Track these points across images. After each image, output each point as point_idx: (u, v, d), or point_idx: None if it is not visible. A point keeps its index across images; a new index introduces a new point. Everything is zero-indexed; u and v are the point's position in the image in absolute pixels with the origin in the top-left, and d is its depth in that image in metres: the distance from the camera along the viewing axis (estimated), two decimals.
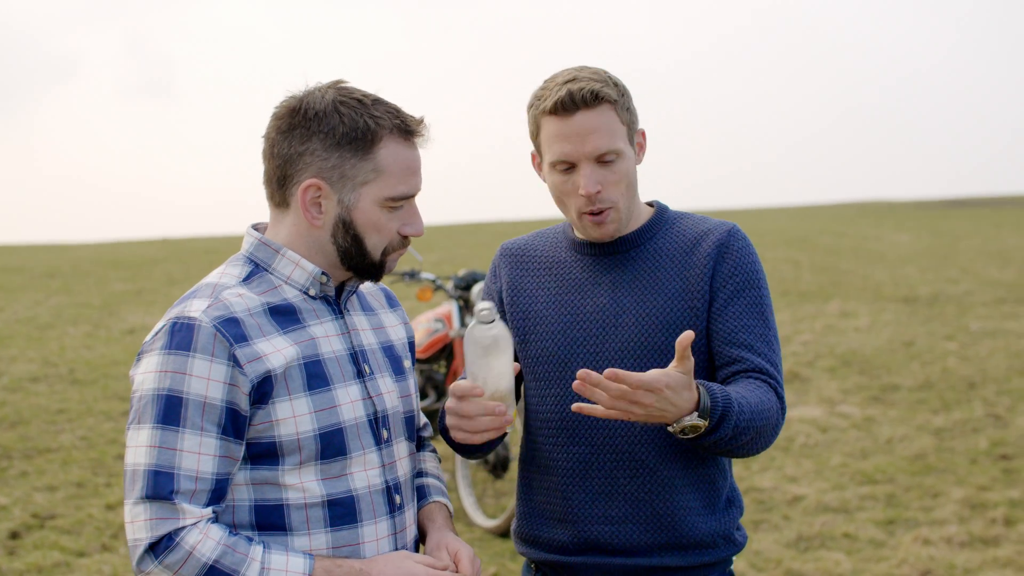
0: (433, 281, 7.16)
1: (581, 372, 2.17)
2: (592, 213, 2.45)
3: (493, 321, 2.24)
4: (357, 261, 2.23)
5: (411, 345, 2.47)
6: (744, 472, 7.23)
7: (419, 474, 2.48)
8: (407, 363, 2.40)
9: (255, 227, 2.30)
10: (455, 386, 2.27)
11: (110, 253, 28.06)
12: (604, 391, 2.17)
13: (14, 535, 6.13)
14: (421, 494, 2.44)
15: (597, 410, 2.21)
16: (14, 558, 5.79)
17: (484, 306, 2.23)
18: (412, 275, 7.24)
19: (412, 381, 2.41)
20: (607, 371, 2.16)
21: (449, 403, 2.29)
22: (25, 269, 23.50)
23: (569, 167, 2.44)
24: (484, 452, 2.48)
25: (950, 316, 14.10)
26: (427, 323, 7.03)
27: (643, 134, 2.53)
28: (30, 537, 6.11)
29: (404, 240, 2.25)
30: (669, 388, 2.17)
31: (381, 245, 2.22)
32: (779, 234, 31.46)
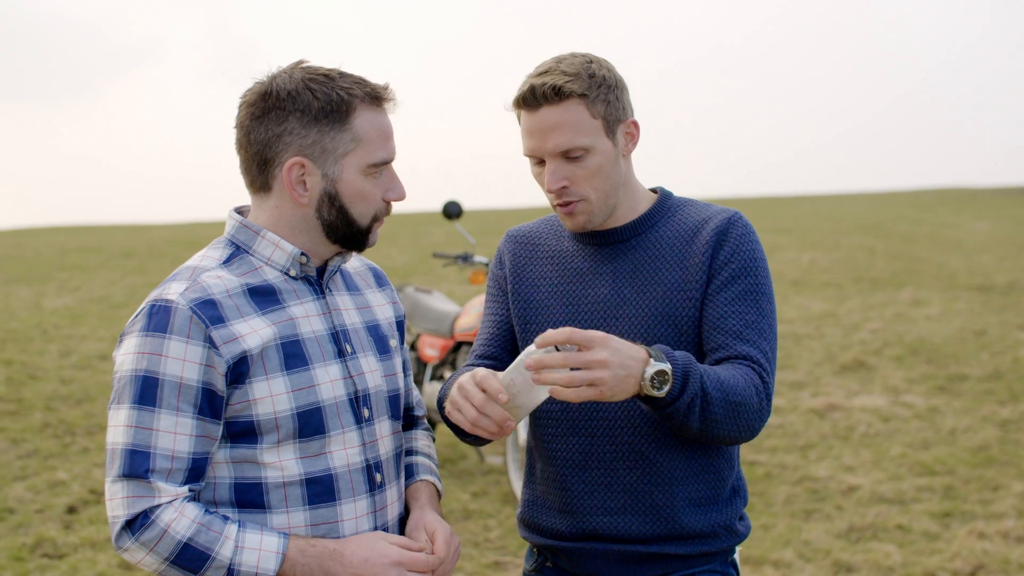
0: (486, 264, 7.15)
1: (530, 361, 2.12)
2: (562, 204, 2.43)
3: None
4: (344, 232, 2.25)
5: (400, 324, 2.48)
6: (800, 461, 7.14)
7: (409, 452, 2.49)
8: (393, 342, 2.41)
9: (238, 210, 2.32)
10: (485, 381, 2.20)
11: (187, 234, 28.44)
12: (553, 364, 2.12)
13: (71, 510, 6.24)
14: (409, 472, 2.45)
15: (567, 394, 2.13)
16: (70, 532, 5.90)
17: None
18: (465, 258, 7.24)
19: (399, 360, 2.42)
20: (543, 338, 2.13)
21: (466, 384, 2.22)
22: (103, 249, 23.93)
23: (540, 161, 2.42)
24: (477, 442, 2.47)
25: None
26: (480, 307, 7.02)
27: (634, 124, 2.45)
28: (86, 512, 6.22)
29: (388, 206, 2.28)
30: (612, 339, 2.14)
31: (368, 213, 2.25)
32: (855, 220, 31.03)
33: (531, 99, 2.36)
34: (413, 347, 7.53)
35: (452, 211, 7.27)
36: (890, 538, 5.76)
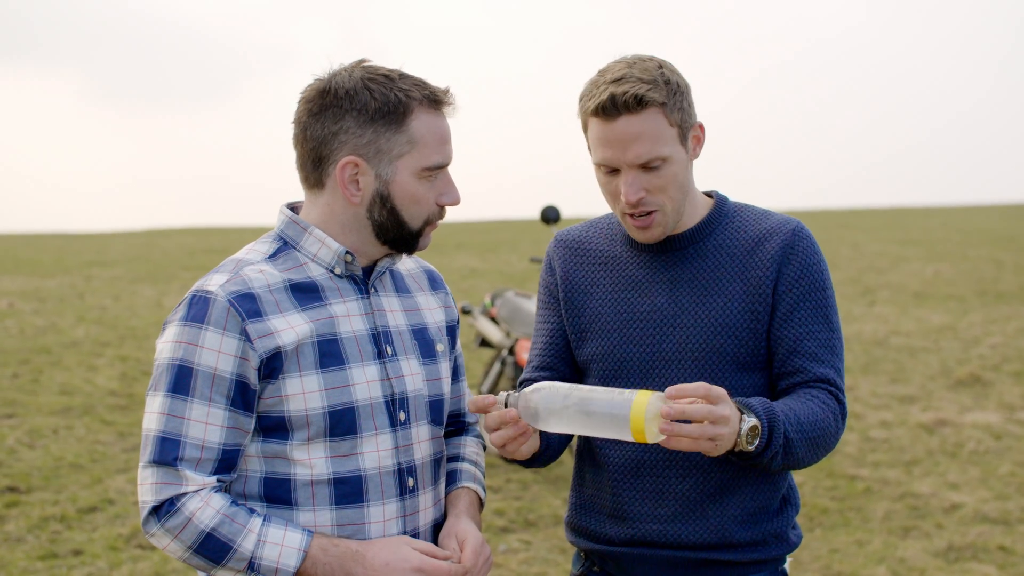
0: None
1: (670, 410, 2.08)
2: (635, 215, 2.37)
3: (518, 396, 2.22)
4: (394, 234, 2.23)
5: (451, 329, 2.45)
6: (904, 476, 6.94)
7: (455, 459, 2.46)
8: (440, 347, 2.37)
9: (291, 206, 2.32)
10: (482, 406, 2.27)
11: None
12: (695, 416, 2.09)
13: None
14: (452, 479, 2.42)
15: (683, 444, 2.11)
16: None
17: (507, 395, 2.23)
18: None
19: (446, 365, 2.39)
20: (678, 390, 2.10)
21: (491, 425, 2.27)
22: (228, 251, 24.45)
23: (613, 170, 2.36)
24: (534, 463, 2.44)
25: None
26: None
27: (701, 127, 2.40)
28: None
29: (441, 211, 2.26)
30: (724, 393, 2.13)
31: (421, 216, 2.23)
32: (986, 233, 30.18)
33: (611, 108, 2.29)
34: (512, 351, 7.52)
35: (550, 216, 7.25)
36: (991, 559, 5.57)
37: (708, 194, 2.51)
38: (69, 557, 5.53)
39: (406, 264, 2.42)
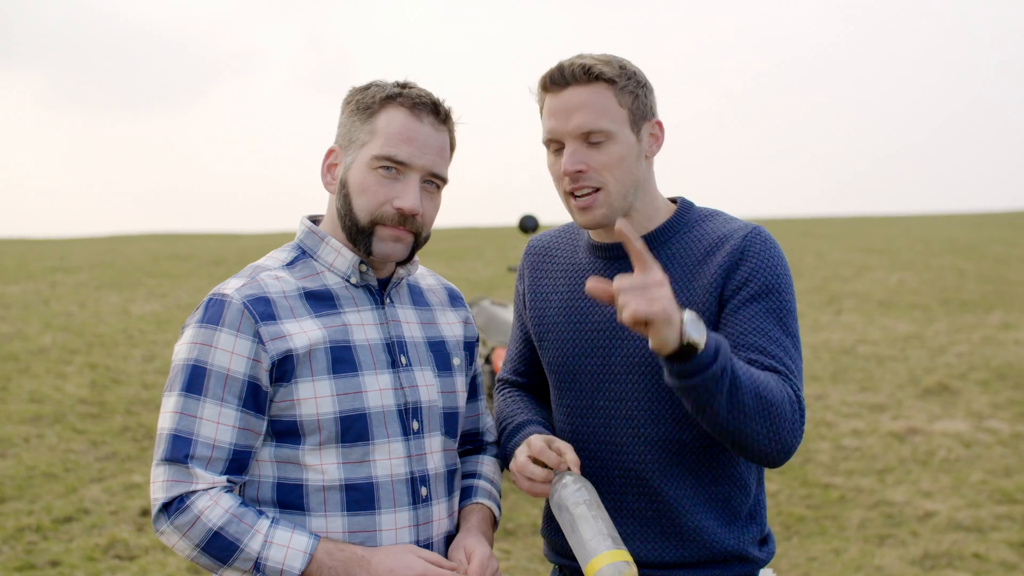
0: None
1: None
2: (577, 195, 2.29)
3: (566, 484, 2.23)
4: (349, 224, 2.25)
5: (469, 345, 2.47)
6: (877, 485, 7.00)
7: (472, 475, 2.47)
8: (456, 360, 2.40)
9: (312, 218, 2.38)
10: (533, 443, 2.27)
11: (276, 243, 28.81)
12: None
13: (145, 512, 6.34)
14: (467, 494, 2.43)
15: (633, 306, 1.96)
16: (142, 534, 5.99)
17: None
18: None
19: (461, 379, 2.40)
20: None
21: (520, 458, 2.28)
22: (193, 257, 24.35)
23: (559, 147, 2.31)
24: None
25: None
26: None
27: (659, 125, 2.35)
28: None
29: (398, 214, 2.22)
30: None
31: (368, 208, 2.22)
32: (948, 242, 30.48)
33: (559, 77, 2.27)
34: (488, 360, 7.53)
35: (528, 225, 7.28)
36: (966, 567, 5.62)
37: (674, 200, 2.44)
38: (47, 568, 5.48)
39: (427, 280, 2.46)
